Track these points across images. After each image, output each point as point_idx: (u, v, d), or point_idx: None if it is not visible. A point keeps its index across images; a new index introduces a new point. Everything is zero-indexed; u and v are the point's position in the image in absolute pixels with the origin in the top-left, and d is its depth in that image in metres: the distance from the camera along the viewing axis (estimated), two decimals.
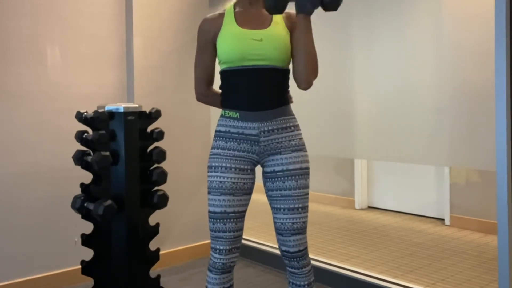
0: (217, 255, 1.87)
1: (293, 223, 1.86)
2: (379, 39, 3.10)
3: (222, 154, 1.87)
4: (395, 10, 3.02)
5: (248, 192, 1.90)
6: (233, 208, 1.85)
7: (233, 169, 1.85)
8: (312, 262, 3.24)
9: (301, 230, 1.88)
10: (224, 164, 1.85)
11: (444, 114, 2.80)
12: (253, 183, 1.92)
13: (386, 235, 4.16)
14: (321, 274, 3.11)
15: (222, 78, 1.93)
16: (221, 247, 1.86)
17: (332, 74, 3.31)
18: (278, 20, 1.91)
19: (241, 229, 1.89)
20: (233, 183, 1.84)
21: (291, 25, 1.92)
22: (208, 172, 1.89)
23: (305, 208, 1.88)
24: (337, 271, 3.06)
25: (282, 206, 1.87)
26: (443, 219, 4.54)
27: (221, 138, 1.89)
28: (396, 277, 3.11)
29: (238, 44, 1.84)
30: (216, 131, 1.92)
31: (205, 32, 1.94)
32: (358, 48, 3.23)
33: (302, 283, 1.92)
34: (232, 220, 1.85)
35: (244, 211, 1.91)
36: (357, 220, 4.77)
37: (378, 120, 3.11)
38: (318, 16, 1.95)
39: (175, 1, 3.56)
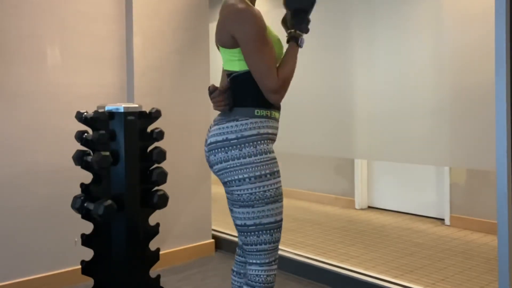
0: (276, 266, 1.83)
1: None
2: (379, 39, 3.10)
3: (275, 158, 1.83)
4: (395, 11, 3.02)
5: None
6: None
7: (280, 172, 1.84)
8: (312, 262, 3.24)
9: None
10: (278, 168, 1.82)
11: (444, 114, 2.80)
12: None
13: (386, 235, 4.16)
14: (321, 274, 3.11)
15: None
16: (277, 256, 1.85)
17: (333, 74, 3.31)
18: None
19: None
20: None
21: None
22: (275, 178, 1.79)
23: None
24: (337, 271, 3.06)
25: None
26: (443, 219, 4.54)
27: (271, 141, 1.83)
28: (396, 277, 3.11)
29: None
30: (264, 133, 1.80)
31: (264, 22, 1.78)
32: (358, 48, 3.24)
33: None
34: None
35: None
36: (357, 220, 4.77)
37: (378, 120, 3.11)
38: (319, 15, 1.95)
39: (175, 1, 3.55)
